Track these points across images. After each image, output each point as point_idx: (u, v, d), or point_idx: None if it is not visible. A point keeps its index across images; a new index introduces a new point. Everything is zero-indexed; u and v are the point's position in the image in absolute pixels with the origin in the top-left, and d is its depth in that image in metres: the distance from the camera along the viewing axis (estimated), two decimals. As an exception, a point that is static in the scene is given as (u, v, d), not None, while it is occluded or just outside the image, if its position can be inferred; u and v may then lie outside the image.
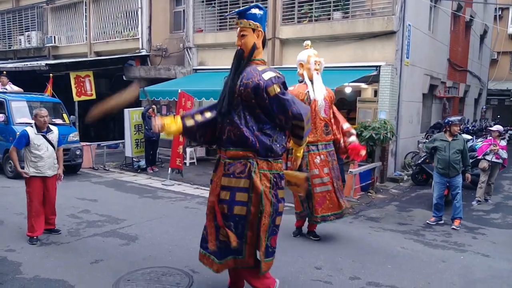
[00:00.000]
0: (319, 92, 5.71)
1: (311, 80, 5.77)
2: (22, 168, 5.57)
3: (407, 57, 10.78)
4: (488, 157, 8.50)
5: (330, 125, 5.85)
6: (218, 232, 3.66)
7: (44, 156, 5.59)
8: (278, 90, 3.50)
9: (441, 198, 7.02)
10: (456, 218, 6.86)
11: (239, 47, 3.67)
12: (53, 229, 5.90)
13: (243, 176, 3.57)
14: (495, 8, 23.28)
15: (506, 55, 25.90)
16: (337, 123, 6.01)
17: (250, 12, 3.63)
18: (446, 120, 7.23)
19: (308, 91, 5.68)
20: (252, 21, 3.62)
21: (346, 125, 6.05)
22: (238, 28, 3.66)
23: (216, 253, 3.69)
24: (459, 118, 7.02)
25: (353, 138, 5.95)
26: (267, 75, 3.51)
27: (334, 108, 6.09)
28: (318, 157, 5.69)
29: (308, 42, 6.10)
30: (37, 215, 5.59)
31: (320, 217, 5.72)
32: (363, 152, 5.94)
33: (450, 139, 6.84)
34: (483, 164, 8.50)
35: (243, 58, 3.65)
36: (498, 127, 8.89)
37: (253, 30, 3.62)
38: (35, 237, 5.53)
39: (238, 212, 3.57)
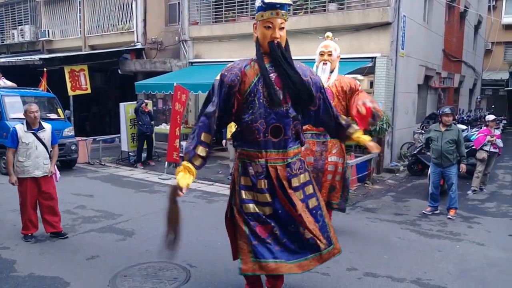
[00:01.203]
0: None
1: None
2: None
3: (402, 48, 10.76)
4: (486, 148, 8.52)
5: None
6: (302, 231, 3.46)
7: (32, 156, 5.29)
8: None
9: (436, 188, 7.05)
10: (452, 208, 6.89)
11: (276, 40, 3.32)
12: (59, 233, 5.57)
13: (302, 171, 3.52)
14: (489, -1, 23.28)
15: (500, 45, 25.87)
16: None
17: (287, 4, 3.37)
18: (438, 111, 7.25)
19: None
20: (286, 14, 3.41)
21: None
22: (279, 19, 3.30)
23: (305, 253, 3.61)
24: (449, 108, 7.04)
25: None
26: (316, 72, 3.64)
27: (361, 94, 5.58)
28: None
29: (329, 34, 5.99)
30: (30, 214, 5.42)
31: None
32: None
33: (443, 129, 6.87)
34: (482, 155, 8.52)
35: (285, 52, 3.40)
36: (492, 117, 8.91)
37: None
38: (29, 234, 5.46)
39: (311, 205, 3.54)
